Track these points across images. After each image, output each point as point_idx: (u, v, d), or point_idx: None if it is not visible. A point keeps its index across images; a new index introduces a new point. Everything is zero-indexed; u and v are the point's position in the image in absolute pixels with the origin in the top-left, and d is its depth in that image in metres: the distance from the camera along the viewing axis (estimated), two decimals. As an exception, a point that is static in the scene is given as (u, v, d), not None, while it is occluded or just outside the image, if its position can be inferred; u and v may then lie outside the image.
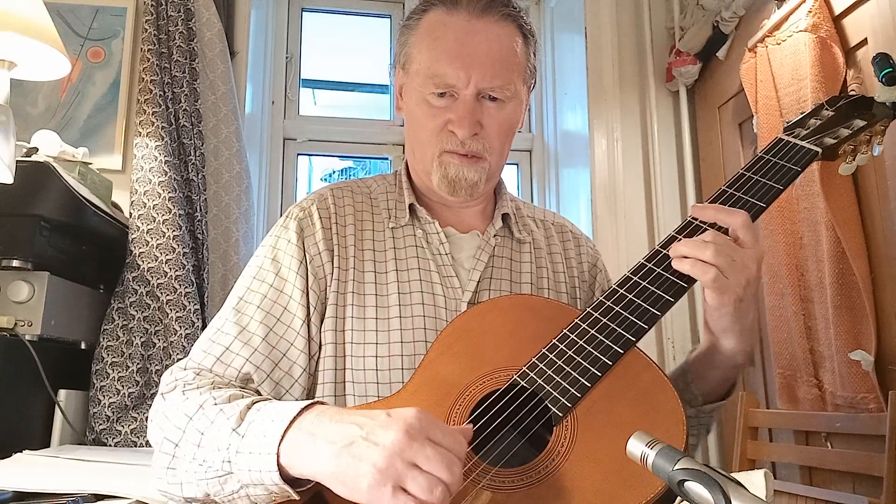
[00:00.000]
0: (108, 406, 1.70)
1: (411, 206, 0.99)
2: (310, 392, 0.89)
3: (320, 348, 0.89)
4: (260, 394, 0.83)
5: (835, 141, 0.90)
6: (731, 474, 0.50)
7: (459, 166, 0.93)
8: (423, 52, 0.94)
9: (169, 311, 1.81)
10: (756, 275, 0.79)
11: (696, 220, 0.84)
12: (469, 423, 0.73)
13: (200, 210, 1.97)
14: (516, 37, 0.94)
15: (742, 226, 0.79)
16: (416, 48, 0.95)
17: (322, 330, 0.89)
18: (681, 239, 0.80)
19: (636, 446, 0.54)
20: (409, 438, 0.61)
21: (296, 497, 0.67)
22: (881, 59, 0.95)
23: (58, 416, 1.54)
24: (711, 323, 0.83)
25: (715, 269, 0.76)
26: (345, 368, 0.88)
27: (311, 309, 0.89)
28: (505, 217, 1.03)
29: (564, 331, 0.79)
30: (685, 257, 0.78)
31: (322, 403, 0.71)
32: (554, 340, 0.78)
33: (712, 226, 0.81)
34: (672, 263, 0.79)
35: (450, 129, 0.92)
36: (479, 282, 0.95)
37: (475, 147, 0.92)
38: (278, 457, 0.66)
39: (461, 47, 0.90)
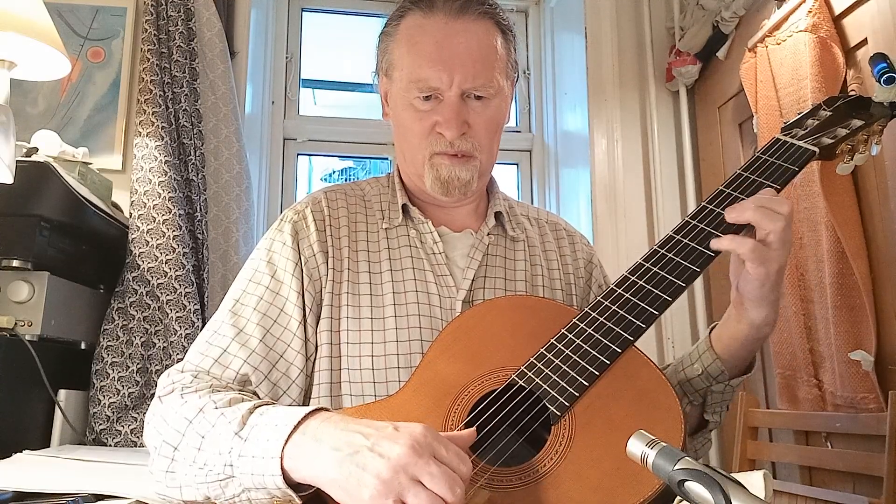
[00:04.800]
0: (108, 406, 1.71)
1: (404, 207, 0.99)
2: (307, 393, 0.89)
3: (316, 349, 0.89)
4: (258, 395, 0.83)
5: (832, 141, 0.90)
6: (731, 474, 0.50)
7: (451, 167, 0.93)
8: (403, 57, 0.94)
9: (169, 311, 1.81)
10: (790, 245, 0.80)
11: (709, 206, 0.83)
12: (467, 421, 0.73)
13: (200, 210, 1.97)
14: (495, 33, 0.94)
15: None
16: (397, 54, 0.96)
17: (318, 331, 0.89)
18: (684, 239, 0.81)
19: (636, 446, 0.54)
20: (415, 454, 0.60)
21: (298, 501, 0.67)
22: (878, 59, 0.95)
23: (58, 416, 1.54)
24: (754, 294, 0.79)
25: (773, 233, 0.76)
26: (340, 369, 0.88)
27: (307, 310, 0.89)
28: (498, 215, 1.03)
29: (563, 330, 0.79)
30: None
31: (326, 410, 0.71)
32: (552, 340, 0.79)
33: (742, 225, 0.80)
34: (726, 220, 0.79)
35: (438, 132, 0.93)
36: (473, 280, 0.95)
37: (464, 146, 0.93)
38: (282, 460, 0.66)
39: (441, 50, 0.91)
